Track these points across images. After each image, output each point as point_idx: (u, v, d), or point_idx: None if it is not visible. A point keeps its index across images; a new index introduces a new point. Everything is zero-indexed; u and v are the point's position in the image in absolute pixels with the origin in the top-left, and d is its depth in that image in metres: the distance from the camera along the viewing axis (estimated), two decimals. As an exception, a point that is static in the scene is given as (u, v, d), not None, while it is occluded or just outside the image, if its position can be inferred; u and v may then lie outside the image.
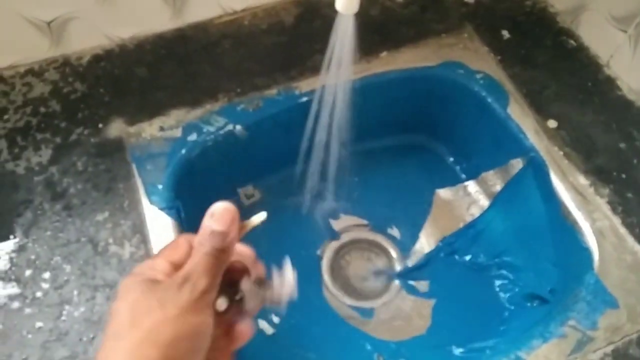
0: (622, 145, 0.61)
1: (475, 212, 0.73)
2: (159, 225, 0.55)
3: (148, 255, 0.53)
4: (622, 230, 0.56)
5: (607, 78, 0.67)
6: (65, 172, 0.58)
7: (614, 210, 0.57)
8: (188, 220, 0.58)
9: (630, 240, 0.55)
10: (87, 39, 0.66)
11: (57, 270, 0.52)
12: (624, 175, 0.59)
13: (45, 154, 0.59)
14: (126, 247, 0.54)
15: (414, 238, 0.73)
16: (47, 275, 0.52)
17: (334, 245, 0.73)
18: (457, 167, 0.76)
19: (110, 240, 0.54)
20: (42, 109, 0.62)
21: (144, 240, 0.54)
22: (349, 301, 0.69)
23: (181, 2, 0.67)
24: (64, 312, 0.50)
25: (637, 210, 0.57)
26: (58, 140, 0.60)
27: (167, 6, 0.67)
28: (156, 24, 0.68)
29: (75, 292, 0.51)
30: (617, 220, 0.56)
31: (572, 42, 0.70)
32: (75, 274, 0.52)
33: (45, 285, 0.51)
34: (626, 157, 0.61)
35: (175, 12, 0.68)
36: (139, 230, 0.55)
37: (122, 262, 0.53)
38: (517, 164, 0.65)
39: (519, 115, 0.63)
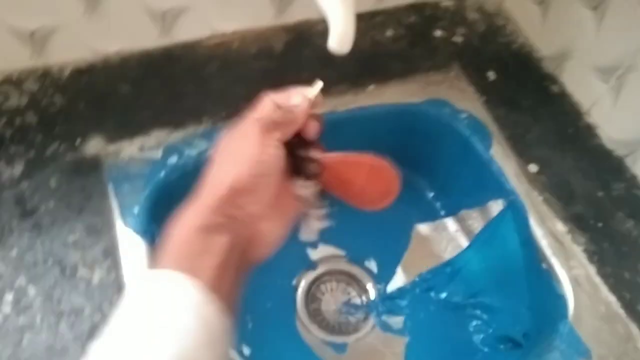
0: (600, 193, 0.62)
1: (453, 249, 0.73)
2: (132, 250, 0.53)
3: (118, 280, 0.51)
4: (597, 279, 0.56)
5: (587, 126, 0.68)
6: (37, 189, 0.56)
7: (590, 259, 0.57)
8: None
9: (604, 290, 0.56)
10: (70, 50, 0.65)
11: (21, 292, 0.50)
12: (600, 224, 0.60)
13: (18, 168, 0.57)
14: (96, 272, 0.52)
15: (391, 272, 0.72)
16: (9, 297, 0.50)
17: (310, 275, 0.72)
18: (437, 203, 0.76)
19: (80, 264, 0.52)
20: (18, 121, 0.60)
21: (116, 265, 0.52)
22: (322, 335, 0.67)
23: (170, 21, 0.66)
24: (25, 339, 0.48)
25: (612, 260, 0.58)
26: (32, 154, 0.58)
27: (156, 23, 0.66)
28: (143, 41, 0.67)
29: (39, 317, 0.49)
30: (592, 270, 0.57)
31: (555, 87, 0.72)
32: (40, 298, 0.50)
33: (6, 308, 0.49)
34: (603, 206, 0.61)
35: (164, 29, 0.67)
36: (111, 254, 0.53)
37: (91, 287, 0.51)
38: (496, 206, 0.66)
39: (501, 157, 0.64)
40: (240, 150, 0.36)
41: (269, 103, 0.38)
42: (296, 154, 0.40)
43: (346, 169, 0.41)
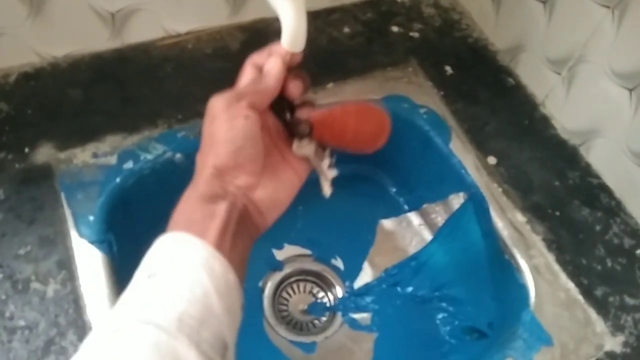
0: (557, 183, 0.64)
1: (418, 243, 0.73)
2: (89, 261, 0.51)
3: (74, 293, 0.50)
4: (556, 267, 0.58)
5: (542, 116, 0.70)
6: (-16, 201, 0.53)
7: (549, 247, 0.59)
8: (121, 254, 0.54)
9: (563, 277, 0.57)
10: (15, 55, 0.62)
11: (-30, 310, 0.48)
12: (557, 213, 0.61)
13: (-38, 179, 0.54)
14: (50, 285, 0.50)
15: (358, 269, 0.72)
16: (-43, 315, 0.47)
17: (276, 276, 0.71)
18: (400, 199, 0.76)
19: (33, 277, 0.50)
20: (-39, 130, 0.57)
21: (71, 277, 0.50)
22: (290, 336, 0.67)
23: (121, 22, 0.64)
24: (-25, 359, 0.45)
25: (570, 247, 0.59)
26: (-22, 164, 0.55)
27: (106, 25, 0.64)
28: (93, 43, 0.65)
29: (-10, 335, 0.47)
30: (551, 258, 0.58)
31: (510, 80, 0.73)
32: (-9, 315, 0.48)
33: (-46, 328, 0.47)
34: (560, 195, 0.63)
35: (114, 31, 0.65)
36: (66, 265, 0.51)
37: (45, 301, 0.49)
38: (458, 199, 0.66)
39: (461, 151, 0.65)
40: (212, 132, 0.37)
41: (248, 70, 0.40)
42: (284, 120, 0.41)
43: (335, 120, 0.43)
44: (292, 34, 0.40)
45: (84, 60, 0.65)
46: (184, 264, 0.33)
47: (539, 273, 0.57)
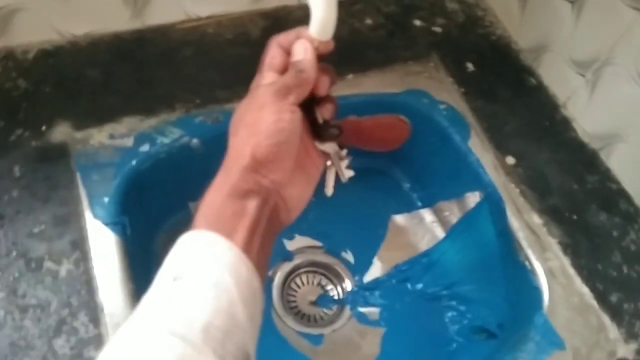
0: (575, 186, 0.63)
1: (430, 240, 0.73)
2: (102, 242, 0.51)
3: (87, 274, 0.49)
4: (571, 271, 0.57)
5: (563, 118, 0.69)
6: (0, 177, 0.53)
7: (564, 251, 0.58)
8: (134, 237, 0.54)
9: (578, 281, 0.56)
10: (35, 31, 0.61)
11: (-17, 286, 0.48)
12: (575, 217, 0.61)
13: (-22, 154, 0.54)
14: (64, 264, 0.50)
15: (368, 263, 0.72)
16: (-30, 291, 0.47)
17: (286, 266, 0.71)
18: (414, 194, 0.76)
19: (46, 256, 0.50)
20: (-22, 105, 0.57)
21: (84, 258, 0.50)
22: (298, 327, 0.67)
23: (143, 3, 0.64)
24: (-13, 335, 0.45)
25: (586, 252, 0.58)
26: (-6, 140, 0.55)
27: (127, 5, 0.63)
28: (113, 23, 0.64)
29: (2, 312, 0.47)
30: (567, 261, 0.57)
31: (532, 80, 0.72)
32: (4, 292, 0.48)
33: (-33, 303, 0.47)
34: (578, 199, 0.62)
35: (135, 12, 0.64)
36: (79, 246, 0.51)
37: (58, 281, 0.49)
38: (473, 197, 0.66)
39: (479, 149, 0.64)
40: (257, 120, 0.36)
41: (277, 51, 0.39)
42: (314, 118, 0.40)
43: (364, 129, 0.44)
44: (322, 21, 0.39)
45: (104, 40, 0.64)
46: (210, 267, 0.32)
47: (553, 276, 0.56)
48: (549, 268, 0.57)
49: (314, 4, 0.39)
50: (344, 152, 0.43)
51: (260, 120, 0.36)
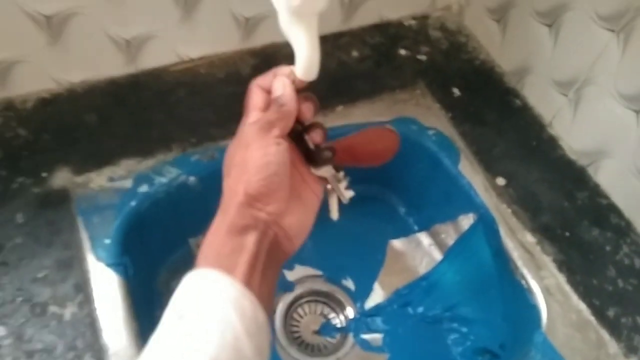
0: (566, 203, 0.64)
1: (428, 262, 0.74)
2: (105, 283, 0.52)
3: (91, 316, 0.50)
4: (567, 288, 0.58)
5: (550, 137, 0.70)
6: (3, 224, 0.54)
7: (559, 268, 0.59)
8: (136, 276, 0.55)
9: (574, 298, 0.57)
10: (33, 81, 0.64)
11: (-11, 333, 0.48)
12: (567, 234, 0.62)
13: (-18, 204, 0.56)
14: (68, 307, 0.51)
15: (369, 289, 0.73)
16: (-23, 339, 0.48)
17: (287, 297, 0.72)
18: (410, 219, 0.77)
19: (50, 300, 0.51)
20: (-20, 156, 0.59)
21: (88, 300, 0.51)
22: (302, 357, 0.67)
23: (136, 49, 0.66)
24: (-5, 382, 0.46)
25: (581, 268, 0.59)
26: (-4, 189, 0.57)
27: (121, 52, 0.65)
28: (108, 69, 0.67)
29: (9, 359, 0.47)
30: (562, 279, 0.58)
31: (517, 101, 0.74)
32: (10, 338, 0.48)
33: (-26, 351, 0.47)
34: (569, 216, 0.63)
35: (129, 57, 0.66)
36: (83, 289, 0.52)
37: (63, 324, 0.50)
38: (467, 220, 0.67)
39: (470, 172, 0.65)
40: (245, 159, 0.37)
41: (257, 92, 0.41)
42: (306, 146, 0.42)
43: (356, 146, 0.46)
44: (306, 64, 0.41)
45: (100, 86, 0.66)
46: (213, 304, 0.33)
47: (550, 294, 0.57)
48: (545, 286, 0.58)
49: (298, 47, 0.41)
50: (341, 174, 0.44)
51: (248, 158, 0.37)
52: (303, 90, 0.41)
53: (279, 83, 0.40)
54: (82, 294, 0.51)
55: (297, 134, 0.41)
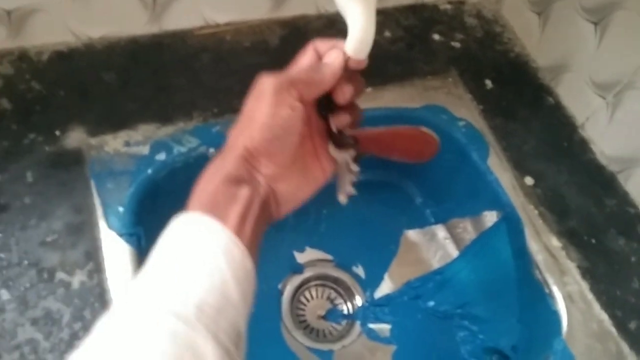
0: (594, 209, 0.62)
1: (442, 256, 0.72)
2: (116, 253, 0.50)
3: (100, 287, 0.48)
4: (590, 296, 0.56)
5: (581, 139, 0.68)
6: (12, 182, 0.52)
7: (583, 275, 0.57)
8: (148, 249, 0.52)
9: (597, 307, 0.56)
10: (50, 33, 0.60)
11: (-7, 296, 0.46)
12: (593, 241, 0.60)
13: (-10, 158, 0.52)
14: (77, 275, 0.48)
15: (379, 278, 0.71)
16: (-21, 300, 0.46)
17: (296, 279, 0.70)
18: (427, 210, 0.75)
19: (59, 266, 0.48)
20: (-10, 106, 0.55)
21: (98, 269, 0.49)
22: (307, 342, 0.65)
23: (161, 7, 0.62)
24: (-3, 348, 0.44)
25: (605, 277, 0.58)
26: (6, 144, 0.54)
27: (146, 9, 0.62)
28: (130, 27, 0.63)
29: (12, 324, 0.45)
30: (585, 286, 0.57)
31: (550, 99, 0.71)
32: (14, 302, 0.46)
33: (-24, 314, 0.45)
34: (597, 222, 0.62)
35: (153, 16, 0.63)
36: (93, 256, 0.49)
37: (70, 292, 0.47)
38: (490, 217, 0.65)
39: (498, 168, 0.63)
40: (254, 111, 0.35)
41: (309, 53, 0.38)
42: (325, 118, 0.39)
43: (382, 140, 0.43)
44: (358, 40, 0.38)
45: (120, 44, 0.63)
46: (204, 249, 0.32)
47: (572, 301, 0.56)
48: (568, 292, 0.56)
49: (352, 21, 0.38)
50: (355, 167, 0.42)
51: (257, 111, 0.35)
52: (355, 72, 0.38)
53: (334, 54, 0.37)
54: (92, 262, 0.49)
55: (323, 107, 0.39)
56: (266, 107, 0.35)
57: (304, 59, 0.38)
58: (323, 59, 0.38)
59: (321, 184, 0.41)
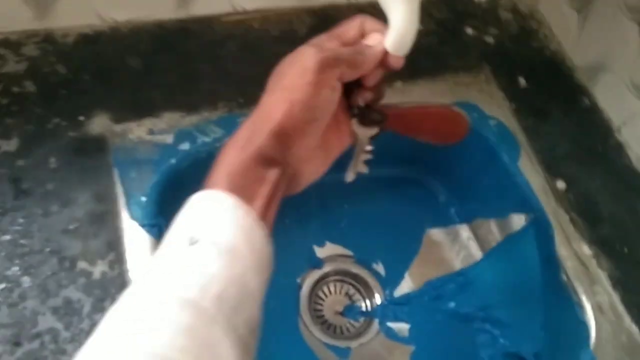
0: (627, 218, 0.60)
1: (465, 257, 0.70)
2: (138, 244, 0.49)
3: (122, 277, 0.47)
4: (621, 308, 0.55)
5: (617, 144, 0.66)
6: (35, 167, 0.51)
7: (614, 285, 0.56)
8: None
9: (627, 319, 0.54)
10: (76, 15, 0.59)
11: (14, 283, 0.46)
12: (626, 250, 0.58)
13: (13, 142, 0.52)
14: (98, 265, 0.48)
15: (399, 277, 0.70)
16: (0, 286, 0.45)
17: (314, 274, 0.69)
18: (451, 209, 0.73)
19: (80, 255, 0.48)
20: (15, 89, 0.54)
21: (119, 260, 0.48)
22: (324, 338, 0.65)
23: (189, -8, 0.61)
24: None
25: (637, 288, 0.56)
26: (30, 128, 0.53)
27: (173, -7, 0.60)
28: (157, 11, 0.62)
29: (31, 311, 0.45)
30: (616, 297, 0.55)
31: (586, 100, 0.69)
32: (35, 290, 0.46)
33: (-3, 300, 0.45)
34: (629, 231, 0.60)
35: (181, 1, 0.61)
36: (115, 247, 0.49)
37: (91, 283, 0.47)
38: (519, 220, 0.63)
39: (530, 170, 0.61)
40: (295, 87, 0.34)
41: (355, 25, 0.37)
42: (357, 102, 0.38)
43: (411, 119, 0.44)
44: (399, 36, 0.37)
45: (146, 29, 0.62)
46: (229, 233, 0.31)
47: (601, 312, 0.54)
48: (597, 302, 0.55)
49: (394, 16, 0.36)
50: (369, 147, 0.41)
51: (299, 88, 0.33)
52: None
53: (379, 37, 0.36)
54: (114, 252, 0.48)
55: (350, 87, 0.38)
56: (308, 85, 0.33)
57: (349, 32, 0.37)
58: (365, 40, 0.37)
59: (336, 157, 0.39)
